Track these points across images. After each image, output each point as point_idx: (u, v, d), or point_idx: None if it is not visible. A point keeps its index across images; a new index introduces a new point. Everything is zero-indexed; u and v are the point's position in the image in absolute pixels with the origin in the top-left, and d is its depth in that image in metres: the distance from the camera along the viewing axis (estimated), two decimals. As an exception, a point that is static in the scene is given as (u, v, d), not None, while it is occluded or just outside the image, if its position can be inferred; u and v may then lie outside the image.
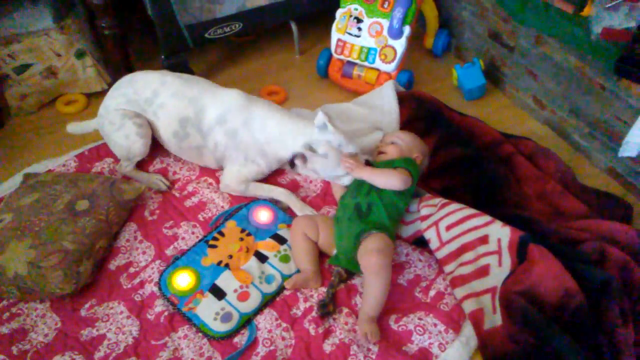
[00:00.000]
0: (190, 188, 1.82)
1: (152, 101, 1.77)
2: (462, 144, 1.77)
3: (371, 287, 1.40)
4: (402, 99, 2.02)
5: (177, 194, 1.81)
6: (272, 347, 1.38)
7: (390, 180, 1.54)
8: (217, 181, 1.85)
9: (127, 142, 1.78)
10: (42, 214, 1.55)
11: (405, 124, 1.92)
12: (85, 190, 1.65)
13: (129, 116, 1.77)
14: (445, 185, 1.63)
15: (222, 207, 1.75)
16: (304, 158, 1.64)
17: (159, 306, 1.47)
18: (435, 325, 1.40)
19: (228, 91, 1.78)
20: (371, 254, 1.39)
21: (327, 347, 1.37)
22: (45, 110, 2.23)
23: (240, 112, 1.73)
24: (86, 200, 1.61)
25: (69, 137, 1.98)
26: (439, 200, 1.58)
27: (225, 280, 1.51)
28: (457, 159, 1.64)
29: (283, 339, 1.39)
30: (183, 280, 1.51)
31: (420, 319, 1.41)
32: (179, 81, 1.80)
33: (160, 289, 1.50)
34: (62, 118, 2.18)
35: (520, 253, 1.35)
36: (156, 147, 1.89)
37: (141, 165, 1.89)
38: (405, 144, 1.70)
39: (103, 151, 1.95)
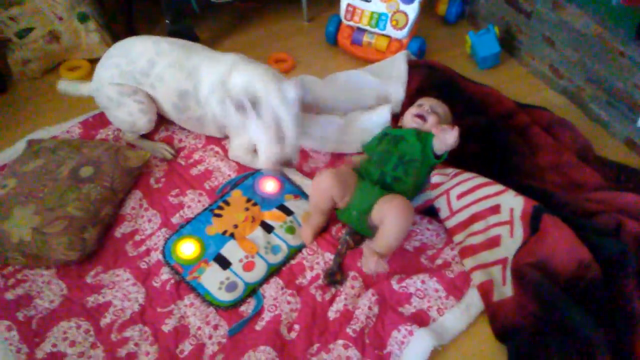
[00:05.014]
0: (196, 156, 1.80)
1: (149, 73, 1.69)
2: (475, 114, 1.72)
3: (388, 225, 1.35)
4: (413, 67, 1.95)
5: (182, 162, 1.78)
6: (277, 312, 1.36)
7: (442, 137, 1.48)
8: (224, 149, 1.82)
9: (131, 119, 1.74)
10: (46, 180, 1.53)
11: (417, 93, 1.86)
12: (89, 156, 1.62)
13: (127, 93, 1.70)
14: (457, 154, 1.59)
15: (229, 175, 1.73)
16: (242, 108, 1.55)
17: (165, 274, 1.46)
18: (436, 290, 1.38)
19: (223, 57, 1.70)
20: (393, 199, 1.37)
21: (331, 313, 1.36)
22: (48, 76, 2.20)
23: (228, 77, 1.65)
24: (90, 166, 1.59)
25: (73, 104, 1.95)
26: (451, 170, 1.53)
27: (230, 250, 1.48)
28: (470, 128, 1.59)
29: (288, 302, 1.38)
30: (187, 248, 1.49)
31: (423, 282, 1.39)
32: (177, 50, 1.70)
33: (164, 257, 1.49)
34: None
35: (533, 224, 1.31)
36: (161, 116, 1.84)
37: (146, 133, 1.85)
38: (444, 116, 1.65)
39: (107, 118, 1.91)
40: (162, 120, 1.87)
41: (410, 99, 1.83)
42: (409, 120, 1.66)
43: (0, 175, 1.64)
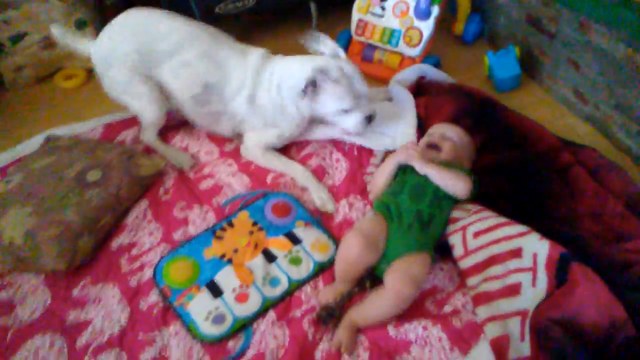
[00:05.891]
0: (207, 170, 1.72)
1: (174, 55, 1.59)
2: (511, 147, 1.59)
3: (380, 304, 1.24)
4: (450, 91, 1.84)
5: (192, 175, 1.70)
6: (262, 349, 1.23)
7: (459, 185, 1.38)
8: (238, 162, 1.74)
9: (139, 104, 1.66)
10: (51, 180, 1.47)
11: (451, 119, 1.71)
12: (101, 159, 1.57)
13: (137, 80, 1.61)
14: (485, 191, 1.46)
15: (239, 192, 1.63)
16: (314, 84, 1.52)
17: (154, 295, 1.36)
18: (439, 339, 1.21)
19: (254, 50, 1.67)
20: (407, 283, 1.23)
21: (318, 353, 1.23)
22: (43, 84, 2.11)
23: (258, 73, 1.62)
24: (99, 170, 1.52)
25: (69, 114, 1.86)
26: (472, 206, 1.40)
27: (225, 277, 1.37)
28: (504, 163, 1.47)
29: (275, 337, 1.26)
30: (180, 270, 1.39)
31: (425, 328, 1.23)
32: (209, 38, 1.63)
33: (154, 277, 1.39)
34: (61, 93, 2.05)
35: (559, 273, 1.15)
36: (178, 126, 1.80)
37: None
38: (461, 144, 1.52)
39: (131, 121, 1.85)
40: (177, 132, 1.80)
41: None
42: (424, 151, 1.52)
43: (11, 169, 1.61)
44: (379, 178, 1.50)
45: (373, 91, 1.91)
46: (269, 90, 1.61)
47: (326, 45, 1.57)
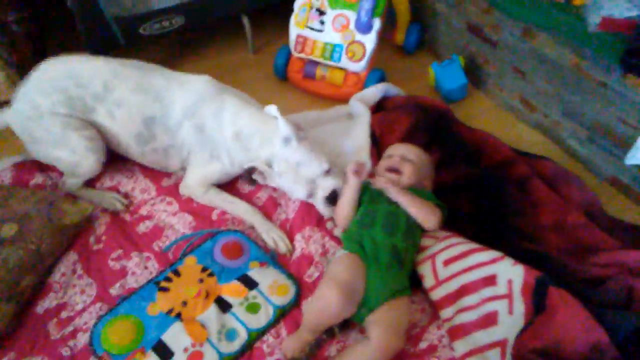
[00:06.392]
0: (144, 211, 1.55)
1: (105, 97, 1.46)
2: (469, 162, 1.54)
3: (365, 358, 1.12)
4: (403, 106, 1.77)
5: (128, 218, 1.53)
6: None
7: (429, 217, 1.30)
8: (178, 201, 1.58)
9: (74, 158, 1.49)
10: None
11: (406, 136, 1.66)
12: (15, 210, 1.37)
13: (73, 127, 1.46)
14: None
15: (183, 233, 1.48)
16: (261, 174, 1.47)
17: None
18: None
19: (197, 78, 1.55)
20: (395, 336, 1.14)
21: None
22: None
23: (210, 102, 1.50)
24: (14, 223, 1.34)
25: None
26: (440, 232, 1.33)
27: (175, 335, 1.22)
28: (462, 179, 1.42)
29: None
30: (121, 332, 1.23)
31: None
32: (137, 72, 1.50)
33: (91, 343, 1.21)
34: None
35: (537, 299, 1.10)
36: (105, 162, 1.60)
37: (87, 182, 1.60)
38: (421, 164, 1.44)
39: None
40: (106, 168, 1.61)
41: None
42: (383, 175, 1.44)
43: None
44: (345, 208, 1.39)
45: (332, 110, 1.86)
46: (221, 128, 1.50)
47: (281, 128, 1.44)
